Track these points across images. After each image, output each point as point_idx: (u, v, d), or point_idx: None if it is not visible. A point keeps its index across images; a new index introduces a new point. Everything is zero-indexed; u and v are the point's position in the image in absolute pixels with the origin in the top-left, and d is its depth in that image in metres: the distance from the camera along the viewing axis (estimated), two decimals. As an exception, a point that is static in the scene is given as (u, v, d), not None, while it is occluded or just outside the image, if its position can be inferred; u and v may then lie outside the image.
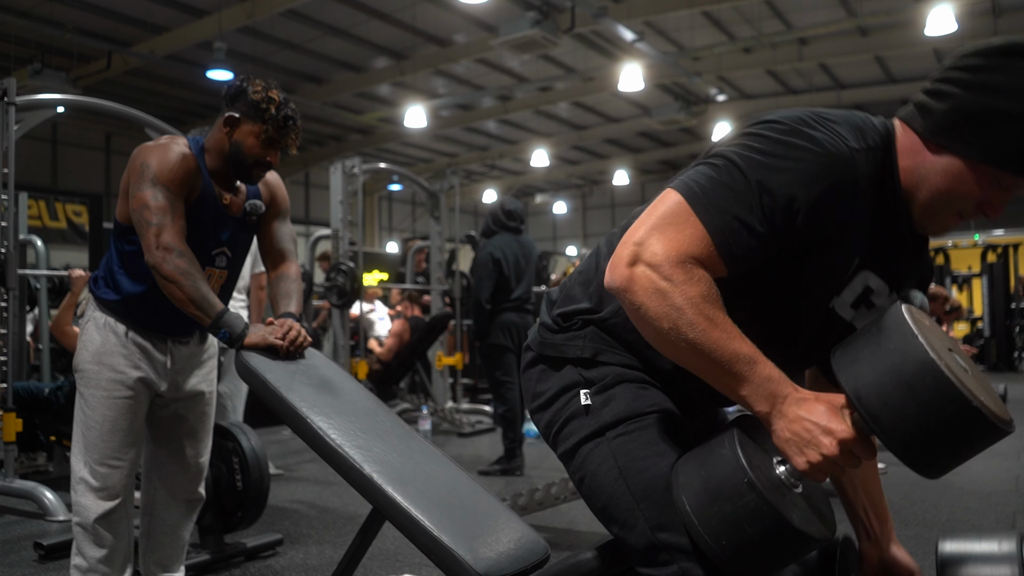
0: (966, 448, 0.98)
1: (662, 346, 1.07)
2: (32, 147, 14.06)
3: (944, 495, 3.75)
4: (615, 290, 1.07)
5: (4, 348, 3.68)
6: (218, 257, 2.02)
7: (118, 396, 1.96)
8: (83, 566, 1.97)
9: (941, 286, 8.59)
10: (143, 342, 2.01)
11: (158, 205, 1.82)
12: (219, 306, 1.82)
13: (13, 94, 3.71)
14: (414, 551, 2.63)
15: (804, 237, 1.07)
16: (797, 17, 12.09)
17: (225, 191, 2.01)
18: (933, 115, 1.09)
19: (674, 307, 1.01)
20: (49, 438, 4.18)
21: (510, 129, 18.08)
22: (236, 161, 1.96)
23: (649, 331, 1.06)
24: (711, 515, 1.01)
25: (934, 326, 1.04)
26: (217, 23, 10.65)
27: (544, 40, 9.80)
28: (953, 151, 1.07)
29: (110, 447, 1.96)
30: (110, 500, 1.95)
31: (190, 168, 1.90)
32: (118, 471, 1.96)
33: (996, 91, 1.02)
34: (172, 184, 1.85)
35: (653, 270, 1.02)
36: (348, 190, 5.91)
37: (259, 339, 1.81)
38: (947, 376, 0.91)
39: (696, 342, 1.01)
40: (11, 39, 10.81)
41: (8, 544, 3.10)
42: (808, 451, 0.98)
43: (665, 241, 1.03)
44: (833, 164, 1.04)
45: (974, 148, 1.05)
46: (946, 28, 9.78)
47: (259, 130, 1.93)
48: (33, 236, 5.58)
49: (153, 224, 1.81)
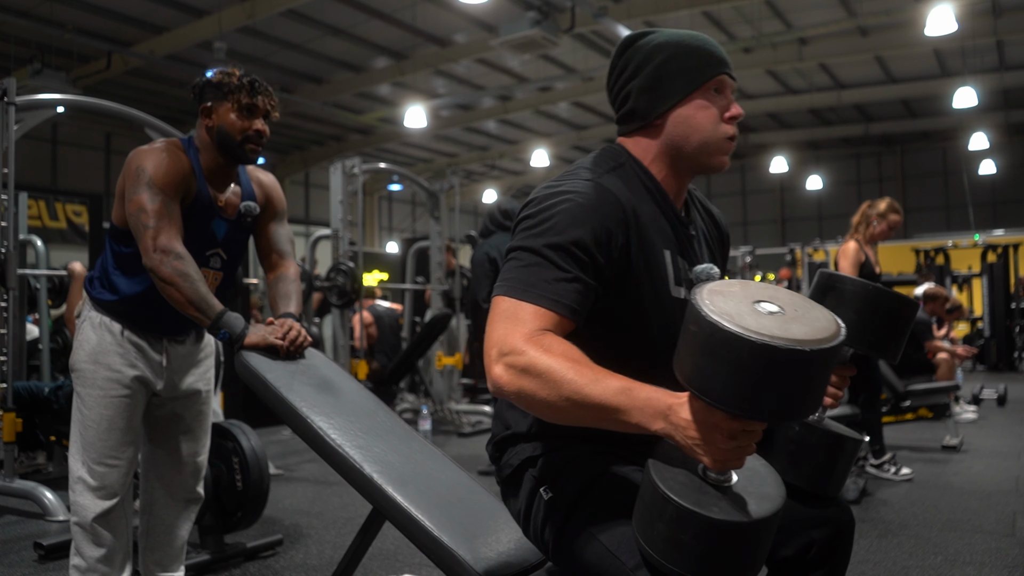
0: (801, 383, 1.00)
1: (554, 416, 1.12)
2: (32, 147, 14.05)
3: (944, 495, 3.75)
4: (497, 393, 1.15)
5: (4, 348, 3.68)
6: (212, 258, 2.02)
7: (115, 395, 1.96)
8: (82, 566, 1.97)
9: (941, 286, 8.58)
10: (139, 341, 2.00)
11: (154, 208, 1.83)
12: (218, 307, 1.83)
13: (13, 94, 3.70)
14: (414, 551, 2.62)
15: (613, 257, 1.21)
16: (797, 17, 12.09)
17: (220, 192, 2.01)
18: (636, 110, 1.32)
19: (542, 375, 1.09)
20: (49, 438, 4.18)
21: (510, 129, 18.08)
22: (226, 145, 1.95)
23: (538, 408, 1.12)
24: (655, 539, 1.05)
25: (744, 287, 1.09)
26: (217, 23, 10.65)
27: (544, 40, 9.80)
28: (668, 110, 1.30)
29: (107, 446, 1.96)
30: (108, 499, 1.95)
31: (185, 170, 1.91)
32: (116, 470, 1.96)
33: (643, 61, 1.31)
34: (168, 187, 1.86)
35: (512, 356, 1.11)
36: (348, 190, 5.91)
37: (259, 339, 1.81)
38: (726, 327, 0.96)
39: (573, 395, 1.07)
40: (11, 39, 10.81)
41: (8, 544, 3.10)
42: (709, 449, 1.02)
43: (511, 332, 1.14)
44: (586, 195, 1.22)
45: (673, 93, 1.29)
46: (946, 28, 9.78)
47: (232, 103, 1.94)
48: (33, 236, 5.57)
49: (150, 227, 1.81)
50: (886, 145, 20.81)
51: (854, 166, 21.70)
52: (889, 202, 4.17)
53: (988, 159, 17.48)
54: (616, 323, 1.26)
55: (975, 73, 13.32)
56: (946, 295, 6.35)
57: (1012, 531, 3.11)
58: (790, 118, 18.20)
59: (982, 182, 18.87)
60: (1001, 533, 3.08)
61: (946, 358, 5.86)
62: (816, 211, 21.84)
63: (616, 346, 1.23)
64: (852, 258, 4.06)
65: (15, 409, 3.64)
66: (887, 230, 4.13)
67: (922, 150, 20.60)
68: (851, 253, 4.07)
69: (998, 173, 18.04)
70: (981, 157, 17.52)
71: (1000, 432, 5.67)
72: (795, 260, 12.10)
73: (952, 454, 4.82)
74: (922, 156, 20.73)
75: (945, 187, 20.25)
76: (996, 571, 2.63)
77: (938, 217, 19.76)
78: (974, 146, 15.29)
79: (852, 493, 3.58)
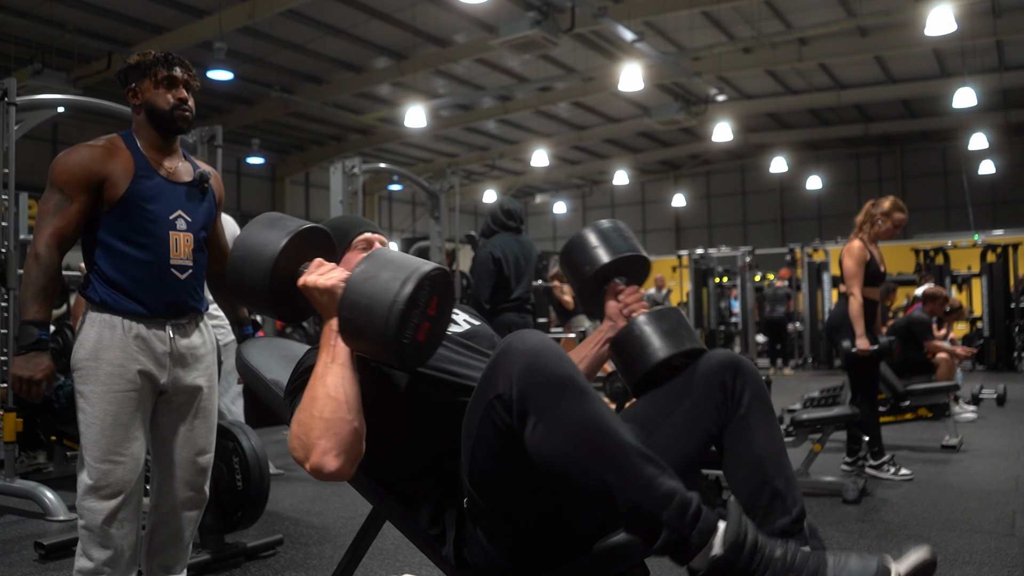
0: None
1: (344, 448, 1.31)
2: (32, 147, 14.06)
3: (944, 495, 3.75)
4: (333, 477, 1.33)
5: (4, 348, 3.68)
6: (177, 221, 2.06)
7: (117, 390, 1.96)
8: (87, 568, 1.96)
9: (941, 286, 8.59)
10: (142, 331, 2.00)
11: (45, 209, 1.97)
12: (28, 315, 1.91)
13: (13, 94, 3.71)
14: (414, 551, 2.63)
15: None
16: (797, 17, 12.09)
17: (163, 164, 2.08)
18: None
19: (304, 429, 1.32)
20: (50, 438, 4.19)
21: (510, 129, 18.08)
22: (156, 118, 2.05)
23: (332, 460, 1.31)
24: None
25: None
26: (217, 23, 10.65)
27: (544, 40, 9.80)
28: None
29: (111, 442, 1.94)
30: (113, 498, 1.94)
31: (95, 157, 1.98)
32: (120, 467, 1.95)
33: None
34: (66, 184, 1.96)
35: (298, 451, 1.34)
36: (348, 190, 5.91)
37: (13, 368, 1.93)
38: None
39: (323, 413, 1.30)
40: (11, 39, 10.81)
41: (8, 544, 3.10)
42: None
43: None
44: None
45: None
46: (946, 28, 9.79)
47: (152, 79, 2.04)
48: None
49: (37, 226, 1.97)
50: (886, 145, 20.81)
51: (854, 166, 21.70)
52: (893, 200, 4.15)
53: (988, 159, 17.49)
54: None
55: (975, 73, 13.33)
56: (946, 295, 6.35)
57: (1011, 531, 3.12)
58: (790, 118, 18.20)
59: (982, 182, 18.88)
60: (1001, 533, 3.09)
61: (945, 358, 5.87)
62: (816, 211, 21.85)
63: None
64: (858, 256, 4.05)
65: (16, 409, 3.65)
66: (892, 228, 4.12)
67: (922, 150, 20.61)
68: (856, 252, 4.06)
69: (998, 173, 18.05)
70: (981, 157, 17.53)
71: (999, 432, 5.67)
72: (795, 260, 12.11)
73: (951, 454, 4.83)
74: (922, 156, 20.74)
75: (945, 187, 20.26)
76: (996, 570, 2.63)
77: (938, 217, 19.77)
78: (974, 146, 15.29)
79: (852, 493, 3.58)
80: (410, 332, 1.30)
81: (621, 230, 1.71)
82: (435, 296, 1.34)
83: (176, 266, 2.03)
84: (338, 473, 1.29)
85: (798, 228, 21.17)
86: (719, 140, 15.45)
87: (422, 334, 1.33)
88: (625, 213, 25.04)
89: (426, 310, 1.33)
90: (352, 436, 1.30)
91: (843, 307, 4.11)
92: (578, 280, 1.69)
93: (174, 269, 2.03)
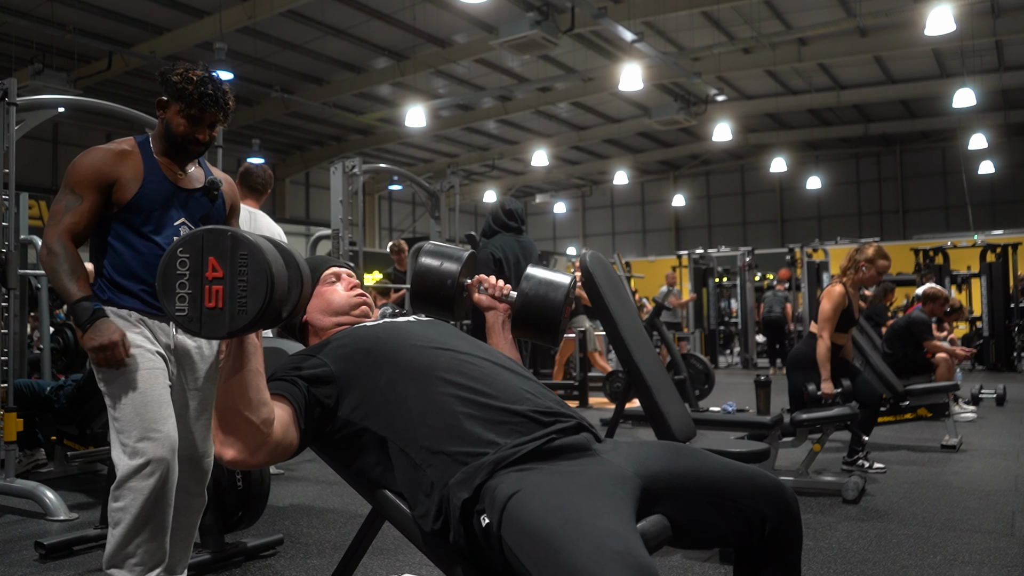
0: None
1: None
2: (33, 147, 14.06)
3: (944, 495, 3.76)
4: (249, 466, 1.37)
5: (5, 348, 3.68)
6: (181, 228, 2.09)
7: (145, 367, 1.98)
8: (126, 554, 1.94)
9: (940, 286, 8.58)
10: (149, 322, 2.05)
11: (56, 209, 2.02)
12: (76, 295, 1.95)
13: (14, 94, 3.71)
14: (414, 551, 2.63)
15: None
16: (796, 17, 12.10)
17: (176, 170, 2.11)
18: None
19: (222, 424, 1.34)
20: (50, 438, 4.19)
21: (510, 129, 18.09)
22: (170, 140, 2.08)
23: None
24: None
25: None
26: (217, 23, 10.66)
27: (544, 40, 9.81)
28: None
29: (146, 420, 1.94)
30: (154, 475, 1.92)
31: (107, 160, 2.02)
32: (158, 444, 1.93)
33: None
34: (79, 185, 2.01)
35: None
36: (348, 190, 5.91)
37: (91, 340, 1.92)
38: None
39: (223, 405, 1.32)
40: (12, 39, 10.82)
41: (8, 544, 3.10)
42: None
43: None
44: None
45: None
46: (945, 28, 9.79)
47: (180, 108, 2.05)
48: (34, 236, 5.58)
49: (49, 225, 2.03)
50: (885, 145, 20.82)
51: (853, 166, 21.71)
52: (877, 248, 4.30)
53: (987, 159, 17.50)
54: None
55: (974, 73, 13.34)
56: (946, 296, 6.35)
57: (1011, 530, 3.12)
58: (789, 118, 18.21)
59: (981, 182, 18.89)
60: (1000, 532, 3.09)
61: (945, 358, 5.87)
62: (815, 211, 21.85)
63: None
64: (836, 302, 4.15)
65: (16, 408, 3.65)
66: (876, 275, 4.25)
67: (921, 150, 20.61)
68: (836, 297, 4.17)
69: (997, 173, 18.06)
70: (980, 157, 17.54)
71: (999, 432, 5.67)
72: (794, 260, 12.10)
73: (951, 454, 4.83)
74: (921, 156, 20.74)
75: (944, 187, 20.27)
76: (995, 570, 2.63)
77: (937, 217, 19.78)
78: (973, 146, 15.31)
79: (851, 493, 3.58)
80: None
81: (440, 246, 1.90)
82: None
83: None
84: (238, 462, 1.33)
85: (798, 228, 21.18)
86: (719, 140, 15.46)
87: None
88: (625, 213, 25.05)
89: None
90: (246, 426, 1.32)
91: (808, 347, 4.22)
92: (446, 295, 1.83)
93: None
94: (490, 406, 1.37)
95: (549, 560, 1.09)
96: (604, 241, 24.62)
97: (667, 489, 1.34)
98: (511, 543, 1.17)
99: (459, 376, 1.41)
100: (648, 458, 1.37)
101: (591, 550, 1.07)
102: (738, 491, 1.36)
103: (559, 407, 1.43)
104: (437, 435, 1.34)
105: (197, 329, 1.27)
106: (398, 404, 1.39)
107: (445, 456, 1.31)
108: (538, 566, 1.11)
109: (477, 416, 1.35)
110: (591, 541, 1.08)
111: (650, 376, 2.61)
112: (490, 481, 1.25)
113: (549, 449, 1.31)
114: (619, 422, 2.87)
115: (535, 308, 1.79)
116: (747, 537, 1.37)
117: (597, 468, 1.30)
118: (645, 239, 24.55)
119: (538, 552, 1.12)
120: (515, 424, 1.35)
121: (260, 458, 1.33)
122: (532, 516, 1.16)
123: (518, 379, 1.47)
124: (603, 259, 2.76)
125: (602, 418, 5.24)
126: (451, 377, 1.41)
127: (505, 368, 1.49)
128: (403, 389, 1.40)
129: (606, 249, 21.65)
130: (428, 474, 1.32)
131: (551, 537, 1.11)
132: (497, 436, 1.32)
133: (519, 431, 1.34)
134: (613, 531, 1.11)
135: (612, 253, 14.33)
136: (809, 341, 4.25)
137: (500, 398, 1.39)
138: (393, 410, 1.39)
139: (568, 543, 1.09)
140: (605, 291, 2.60)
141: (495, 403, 1.37)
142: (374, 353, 1.46)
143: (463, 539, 1.27)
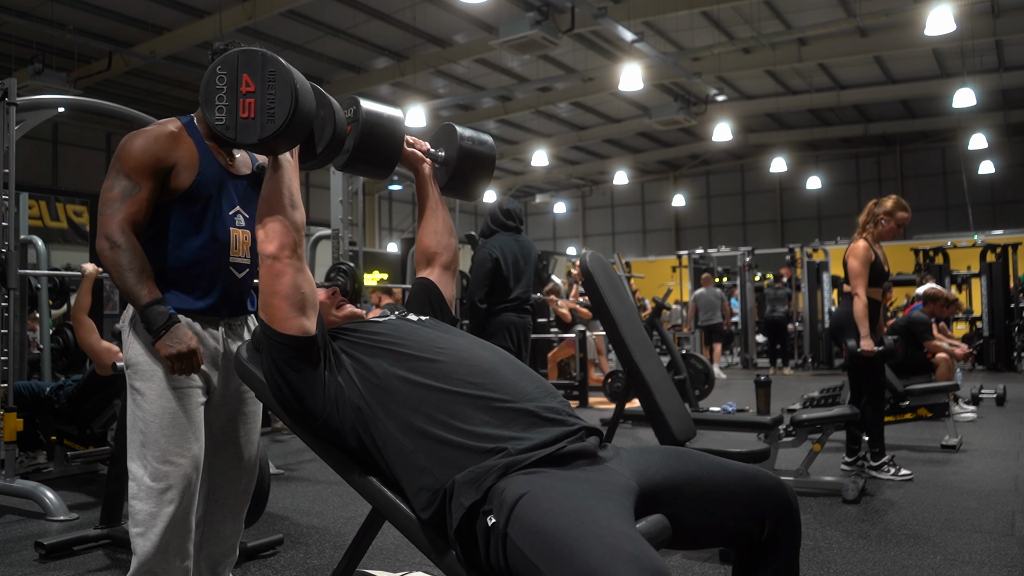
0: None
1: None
2: (33, 147, 14.06)
3: (944, 495, 3.76)
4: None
5: (5, 348, 3.68)
6: (236, 217, 1.97)
7: (176, 385, 1.85)
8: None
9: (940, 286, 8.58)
10: (197, 329, 1.91)
11: (110, 196, 1.82)
12: (145, 299, 1.78)
13: (14, 94, 3.71)
14: (414, 550, 2.63)
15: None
16: (797, 17, 12.10)
17: (227, 157, 1.98)
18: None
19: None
20: (50, 438, 4.19)
21: (510, 129, 18.09)
22: (213, 134, 1.92)
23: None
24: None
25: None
26: (217, 23, 10.66)
27: (544, 40, 9.81)
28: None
29: (171, 442, 1.82)
30: (173, 503, 1.81)
31: (163, 144, 1.86)
32: (180, 469, 1.82)
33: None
34: (135, 170, 1.82)
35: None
36: (348, 190, 5.91)
37: (164, 348, 1.78)
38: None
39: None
40: (12, 39, 10.82)
41: (8, 544, 3.10)
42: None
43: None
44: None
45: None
46: (945, 28, 9.79)
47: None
48: (34, 236, 5.58)
49: (104, 214, 1.82)
50: (885, 145, 20.82)
51: (853, 166, 21.71)
52: (896, 199, 4.12)
53: (987, 159, 17.50)
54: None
55: (974, 73, 13.34)
56: (946, 296, 6.34)
57: (1011, 530, 3.12)
58: (789, 118, 18.21)
59: (981, 182, 18.89)
60: (1000, 533, 3.09)
61: (945, 358, 5.87)
62: (815, 211, 21.86)
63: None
64: (862, 256, 4.01)
65: (16, 409, 3.65)
66: (895, 228, 4.08)
67: (921, 150, 20.61)
68: (861, 252, 4.02)
69: (997, 173, 18.06)
70: (980, 157, 17.54)
71: (999, 432, 5.67)
72: (794, 260, 12.10)
73: (951, 454, 4.83)
74: (921, 156, 20.75)
75: (944, 187, 20.27)
76: (995, 570, 2.63)
77: (937, 217, 19.78)
78: (973, 146, 15.31)
79: (851, 493, 3.58)
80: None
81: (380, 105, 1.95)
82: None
83: (235, 264, 1.95)
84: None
85: (798, 228, 21.19)
86: (719, 140, 15.46)
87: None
88: (625, 213, 25.05)
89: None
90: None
91: (847, 307, 4.09)
92: (394, 151, 1.89)
93: (232, 267, 1.95)
94: (490, 398, 1.40)
95: (563, 559, 1.10)
96: (604, 241, 24.62)
97: (669, 497, 1.36)
98: (520, 542, 1.18)
99: (461, 370, 1.45)
100: (650, 466, 1.38)
101: (606, 551, 1.08)
102: (738, 492, 1.37)
103: (560, 405, 1.45)
104: (434, 422, 1.38)
105: (233, 136, 1.50)
106: (395, 390, 1.44)
107: (441, 443, 1.36)
108: (551, 564, 1.12)
109: (477, 407, 1.39)
110: (606, 542, 1.09)
111: (650, 376, 2.61)
112: (498, 483, 1.27)
113: (560, 455, 1.33)
114: (619, 422, 2.87)
115: (470, 158, 1.97)
116: (747, 537, 1.39)
117: (603, 476, 1.32)
118: (645, 239, 24.55)
119: (551, 551, 1.13)
120: (513, 416, 1.38)
121: (295, 261, 1.54)
122: (545, 516, 1.17)
123: (520, 375, 1.49)
124: (603, 259, 2.76)
125: (602, 418, 5.24)
126: (454, 372, 1.45)
127: (508, 365, 1.51)
128: (402, 376, 1.45)
129: (606, 249, 21.65)
130: (420, 458, 1.36)
131: (565, 536, 1.12)
132: (498, 429, 1.36)
133: (518, 423, 1.37)
134: (627, 534, 1.12)
135: (612, 253, 14.34)
136: (846, 302, 4.12)
137: (500, 391, 1.42)
138: (391, 394, 1.44)
139: (583, 543, 1.10)
140: (605, 291, 2.60)
141: (494, 395, 1.41)
142: (376, 342, 1.54)
143: (458, 535, 1.29)
